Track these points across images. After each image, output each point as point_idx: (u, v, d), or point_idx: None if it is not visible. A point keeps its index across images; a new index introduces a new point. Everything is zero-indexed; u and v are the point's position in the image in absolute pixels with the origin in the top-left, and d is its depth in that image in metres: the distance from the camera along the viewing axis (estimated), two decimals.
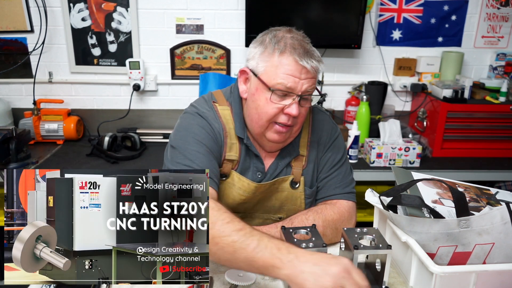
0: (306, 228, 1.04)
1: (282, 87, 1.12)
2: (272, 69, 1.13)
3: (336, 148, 1.33)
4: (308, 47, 1.15)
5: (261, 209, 1.32)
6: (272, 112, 1.15)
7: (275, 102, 1.14)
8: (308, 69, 1.12)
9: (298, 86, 1.12)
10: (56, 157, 2.35)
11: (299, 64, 1.11)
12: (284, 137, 1.21)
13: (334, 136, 1.34)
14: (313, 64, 1.12)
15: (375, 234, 1.01)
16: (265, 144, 1.26)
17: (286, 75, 1.11)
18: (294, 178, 1.29)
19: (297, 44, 1.13)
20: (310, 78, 1.14)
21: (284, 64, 1.11)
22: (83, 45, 2.58)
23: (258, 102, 1.16)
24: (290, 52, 1.11)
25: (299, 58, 1.11)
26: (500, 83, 2.54)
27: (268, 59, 1.14)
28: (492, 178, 2.40)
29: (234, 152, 1.25)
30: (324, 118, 1.36)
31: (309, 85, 1.14)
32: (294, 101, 1.13)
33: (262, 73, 1.15)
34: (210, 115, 1.24)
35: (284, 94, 1.14)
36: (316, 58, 1.14)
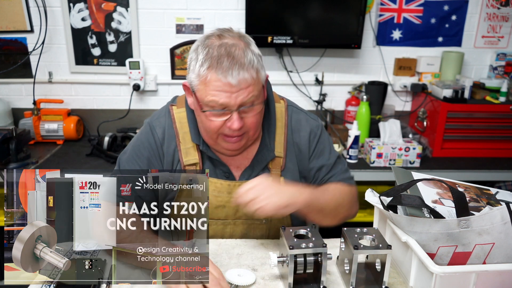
0: (306, 228, 1.05)
1: (215, 104, 1.07)
2: (202, 86, 1.08)
3: (321, 150, 1.30)
4: (237, 53, 1.05)
5: (243, 214, 1.26)
6: (215, 127, 1.12)
7: (214, 117, 1.10)
8: (239, 80, 1.04)
9: (232, 100, 1.06)
10: (56, 157, 2.35)
11: (227, 79, 1.04)
12: (239, 145, 1.18)
13: (315, 139, 1.29)
14: (242, 76, 1.05)
15: (375, 234, 1.01)
16: (224, 152, 1.23)
17: (216, 92, 1.06)
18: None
19: (224, 53, 1.05)
20: (245, 89, 1.06)
21: (212, 80, 1.06)
22: (83, 45, 2.58)
23: (201, 118, 1.14)
24: (215, 68, 1.04)
25: (224, 73, 1.04)
26: (500, 83, 2.54)
27: (198, 74, 1.08)
28: (492, 178, 2.40)
29: (192, 156, 1.22)
30: (300, 117, 1.30)
31: (244, 96, 1.07)
32: (232, 116, 1.09)
33: (196, 90, 1.10)
34: (159, 123, 1.25)
35: (220, 110, 1.09)
36: (246, 65, 1.05)
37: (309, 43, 2.56)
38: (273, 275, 1.06)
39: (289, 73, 2.70)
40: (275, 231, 1.31)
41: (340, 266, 1.06)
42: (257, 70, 1.09)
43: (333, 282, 1.05)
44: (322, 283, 0.98)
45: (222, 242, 1.22)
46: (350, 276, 0.98)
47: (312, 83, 2.73)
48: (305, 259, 0.97)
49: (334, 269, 1.10)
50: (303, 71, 2.70)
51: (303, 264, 0.97)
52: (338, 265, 1.09)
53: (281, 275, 1.06)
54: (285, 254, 0.99)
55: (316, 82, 2.72)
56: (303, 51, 2.66)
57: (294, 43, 2.53)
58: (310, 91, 2.75)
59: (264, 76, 1.14)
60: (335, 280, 1.05)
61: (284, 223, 1.30)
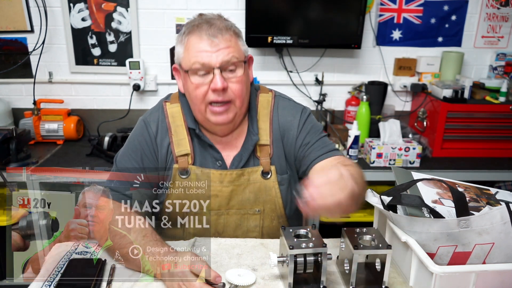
0: (306, 228, 1.05)
1: (198, 65, 1.15)
2: (186, 53, 1.18)
3: (309, 127, 1.31)
4: (216, 21, 1.18)
5: (236, 204, 1.30)
6: (201, 93, 1.18)
7: (199, 82, 1.17)
8: (217, 41, 1.14)
9: (213, 59, 1.14)
10: (56, 157, 2.35)
11: (205, 38, 1.14)
12: (227, 117, 1.21)
13: (303, 118, 1.32)
14: (221, 36, 1.15)
15: (375, 234, 1.01)
16: (215, 129, 1.27)
17: (197, 53, 1.15)
18: (263, 169, 1.29)
19: (203, 21, 1.17)
20: (225, 48, 1.15)
21: (193, 43, 1.16)
22: (83, 45, 2.58)
23: (188, 89, 1.21)
24: (196, 32, 1.16)
25: (202, 35, 1.15)
26: (500, 83, 2.54)
27: (181, 43, 1.20)
28: (492, 178, 2.40)
29: (184, 147, 1.26)
30: (287, 103, 1.35)
31: (225, 55, 1.15)
32: (215, 76, 1.15)
33: (182, 60, 1.20)
34: (152, 118, 1.29)
35: (204, 72, 1.16)
36: (224, 29, 1.16)
37: (309, 43, 2.56)
38: (273, 275, 1.06)
39: (289, 73, 2.70)
40: (268, 221, 1.33)
41: (340, 266, 1.06)
42: (236, 35, 1.20)
43: (333, 282, 1.05)
44: (322, 283, 0.98)
45: (222, 242, 1.22)
46: (350, 276, 0.98)
47: (312, 83, 2.73)
48: (305, 259, 0.97)
49: (334, 269, 1.10)
50: (303, 71, 2.70)
51: (303, 264, 0.97)
52: (338, 265, 1.09)
53: (281, 275, 1.06)
54: (285, 254, 0.99)
55: (316, 82, 2.72)
56: (303, 51, 2.66)
57: (294, 43, 2.53)
58: (310, 91, 2.75)
59: (245, 50, 1.23)
60: (335, 280, 1.05)
61: (277, 212, 1.32)
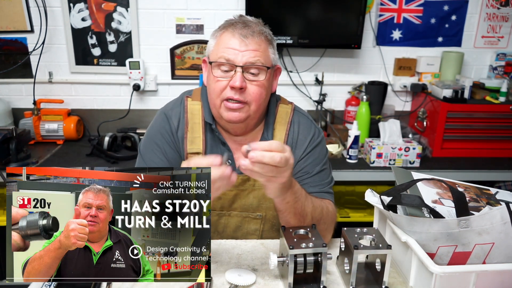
0: (306, 228, 1.05)
1: (223, 60, 1.18)
2: (216, 48, 1.21)
3: (316, 155, 1.31)
4: (251, 24, 1.20)
5: (239, 207, 1.31)
6: (219, 87, 1.19)
7: (220, 76, 1.19)
8: (247, 42, 1.16)
9: (238, 57, 1.16)
10: (56, 157, 2.35)
11: (237, 37, 1.17)
12: (240, 115, 1.20)
13: (314, 143, 1.32)
14: (252, 38, 1.17)
15: (375, 234, 1.01)
16: (227, 126, 1.28)
17: (226, 48, 1.18)
18: None
19: (240, 22, 1.20)
20: (252, 51, 1.17)
21: (224, 39, 1.19)
22: (83, 45, 2.58)
23: (209, 82, 1.23)
24: (230, 29, 1.19)
25: (237, 31, 1.17)
26: (500, 83, 2.54)
27: (214, 39, 1.23)
28: (492, 178, 2.40)
29: (197, 145, 1.27)
30: (303, 121, 1.34)
31: (251, 57, 1.17)
32: (236, 74, 1.17)
33: (211, 54, 1.23)
34: (174, 112, 1.30)
35: (228, 69, 1.18)
36: (258, 32, 1.18)
37: (309, 43, 2.56)
38: (273, 275, 1.07)
39: (289, 73, 2.70)
40: (269, 226, 1.33)
41: (340, 266, 1.06)
42: (268, 42, 1.21)
43: (333, 282, 1.05)
44: (322, 283, 0.98)
45: (222, 242, 1.22)
46: (350, 276, 0.98)
47: (312, 83, 2.74)
48: (305, 259, 0.97)
49: (334, 269, 1.10)
50: (303, 71, 2.70)
51: (303, 264, 0.97)
52: (338, 265, 1.09)
53: (281, 275, 1.06)
54: (285, 254, 0.99)
55: (316, 82, 2.72)
56: (303, 51, 2.66)
57: (294, 43, 2.54)
58: (310, 91, 2.75)
59: (274, 58, 1.25)
60: (335, 280, 1.05)
61: (278, 219, 1.30)
